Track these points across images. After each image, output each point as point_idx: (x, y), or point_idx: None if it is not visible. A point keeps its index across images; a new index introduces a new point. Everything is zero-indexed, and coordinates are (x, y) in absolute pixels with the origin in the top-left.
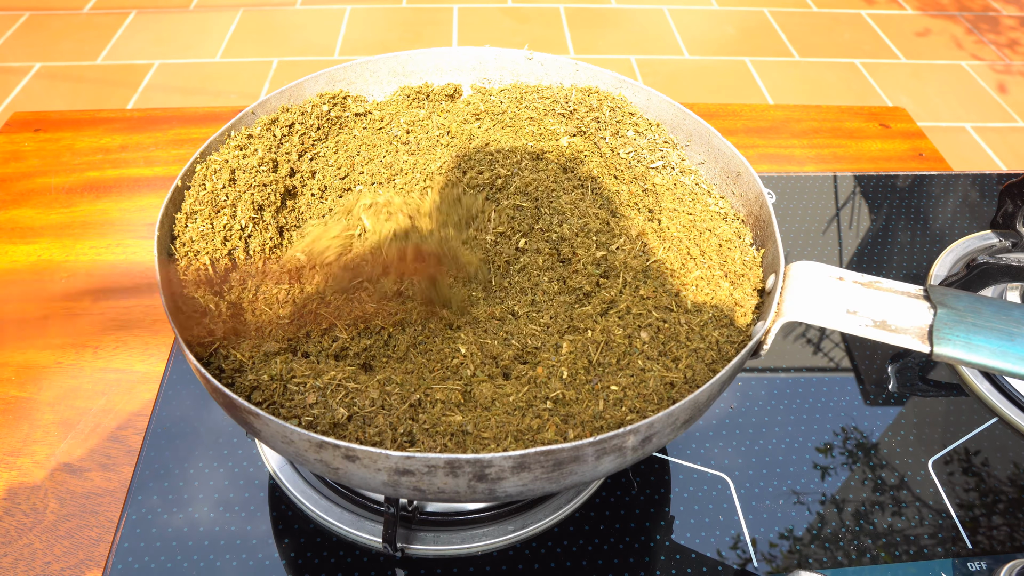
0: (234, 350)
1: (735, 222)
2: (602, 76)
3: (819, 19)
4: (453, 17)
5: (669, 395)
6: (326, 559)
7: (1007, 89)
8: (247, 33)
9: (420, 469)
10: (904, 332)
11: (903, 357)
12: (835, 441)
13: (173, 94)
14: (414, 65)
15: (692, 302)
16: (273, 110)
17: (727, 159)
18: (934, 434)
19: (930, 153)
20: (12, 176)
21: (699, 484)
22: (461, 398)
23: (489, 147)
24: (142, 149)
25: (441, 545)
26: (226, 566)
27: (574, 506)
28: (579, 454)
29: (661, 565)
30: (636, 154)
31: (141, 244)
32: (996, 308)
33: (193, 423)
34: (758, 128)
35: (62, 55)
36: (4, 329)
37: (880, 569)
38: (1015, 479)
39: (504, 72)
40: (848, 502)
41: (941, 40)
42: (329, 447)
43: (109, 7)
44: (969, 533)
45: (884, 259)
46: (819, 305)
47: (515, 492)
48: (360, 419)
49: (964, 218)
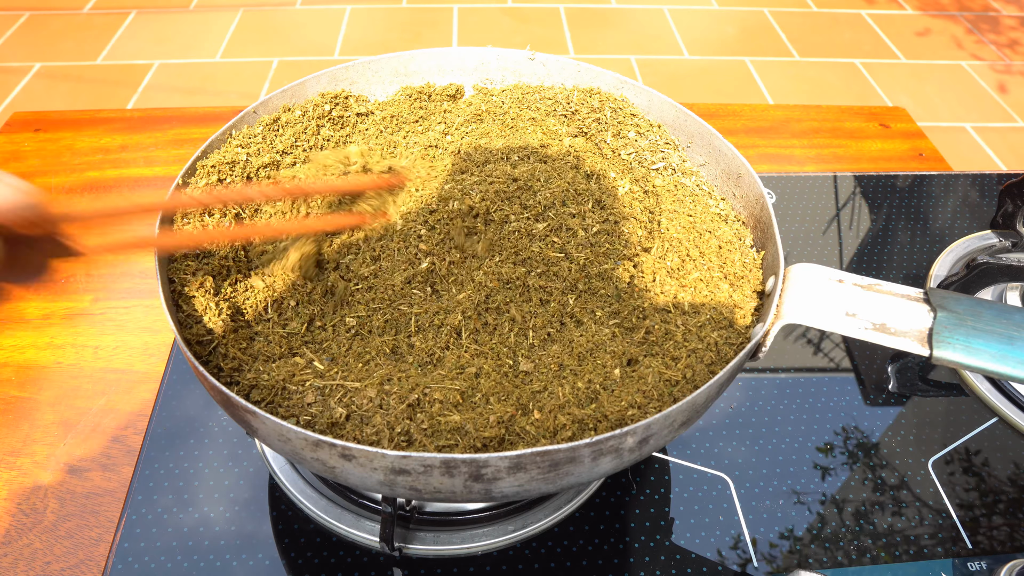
0: (233, 348)
1: (735, 224)
2: (604, 77)
3: (819, 19)
4: (453, 17)
5: (670, 392)
6: (326, 559)
7: (1007, 89)
8: (247, 33)
9: (416, 469)
10: (904, 335)
11: (903, 357)
12: (835, 441)
13: (173, 94)
14: (416, 65)
15: (691, 304)
16: (275, 109)
17: (728, 161)
18: (934, 434)
19: (930, 153)
20: None
21: (699, 484)
22: (459, 398)
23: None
24: (142, 149)
25: (441, 545)
26: (226, 566)
27: (574, 506)
28: (575, 455)
29: (661, 565)
30: (637, 155)
31: None
32: (996, 312)
33: (193, 423)
34: (758, 128)
35: (62, 55)
36: (4, 328)
37: (880, 569)
38: (1015, 479)
39: (506, 73)
40: (848, 502)
41: (941, 40)
42: (325, 446)
43: (109, 7)
44: (969, 533)
45: (884, 259)
46: (819, 307)
47: (511, 492)
48: (358, 418)
49: (964, 218)
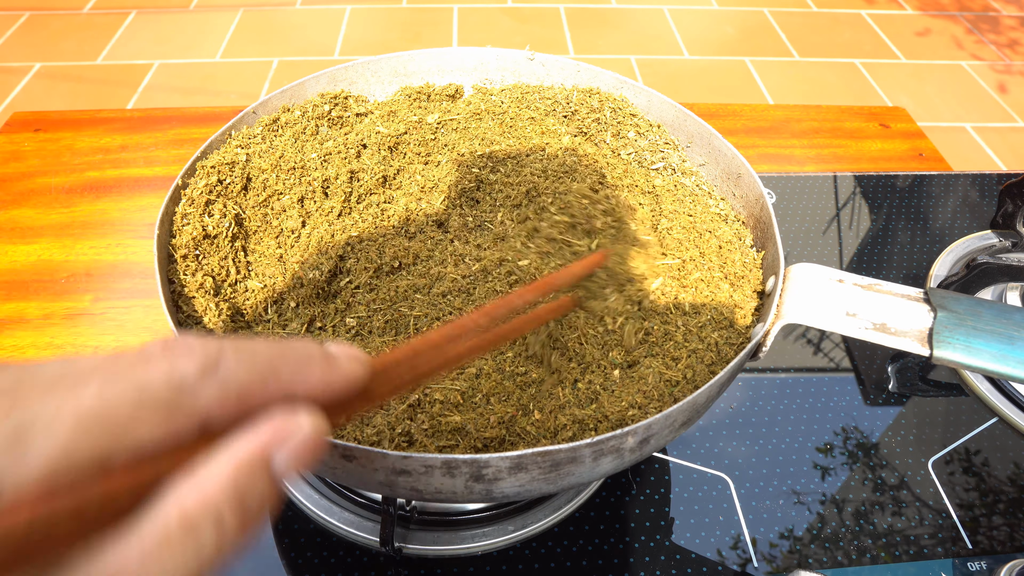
0: None
1: (735, 224)
2: (603, 77)
3: (819, 19)
4: (453, 17)
5: (670, 392)
6: (326, 559)
7: (1007, 89)
8: (247, 33)
9: (417, 469)
10: (904, 335)
11: (903, 357)
12: (835, 441)
13: (173, 94)
14: (415, 65)
15: (691, 304)
16: (274, 110)
17: (728, 161)
18: (934, 434)
19: (930, 153)
20: (12, 176)
21: (699, 484)
22: (460, 398)
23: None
24: (142, 149)
25: (441, 545)
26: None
27: (574, 506)
28: (576, 455)
29: (661, 565)
30: (637, 155)
31: (141, 244)
32: (996, 311)
33: None
34: (758, 128)
35: (62, 55)
36: (4, 328)
37: (880, 569)
38: (1015, 479)
39: (505, 72)
40: (848, 502)
41: (941, 40)
42: (326, 446)
43: (109, 7)
44: (969, 533)
45: (884, 259)
46: (819, 307)
47: (512, 493)
48: (358, 418)
49: (964, 218)
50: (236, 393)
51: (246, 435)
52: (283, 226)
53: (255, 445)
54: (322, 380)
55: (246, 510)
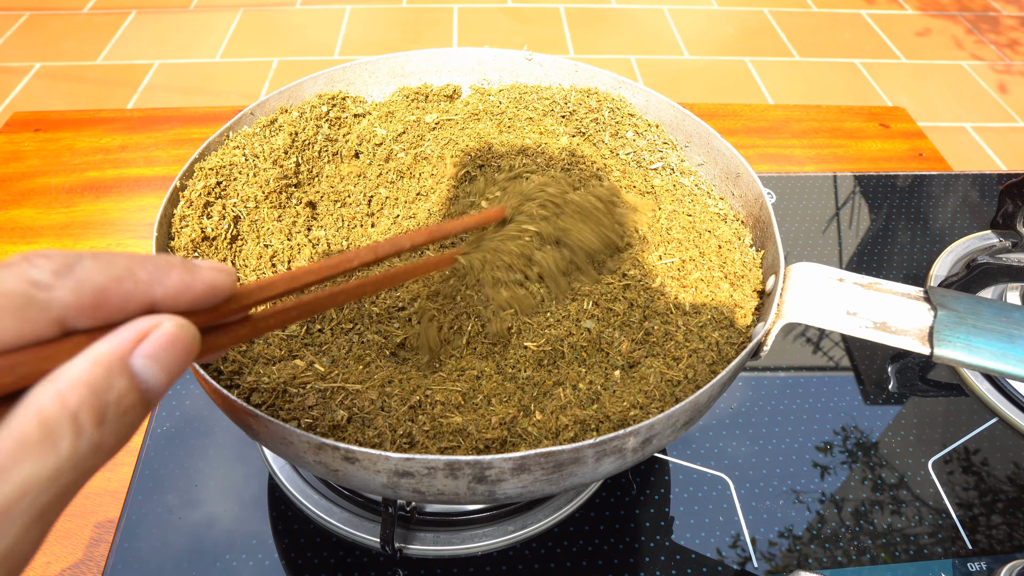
0: (233, 351)
1: (735, 223)
2: (601, 77)
3: (819, 19)
4: (453, 17)
5: (672, 392)
6: (326, 559)
7: (1007, 89)
8: (247, 33)
9: (420, 471)
10: (904, 334)
11: (903, 357)
12: (835, 441)
13: (173, 94)
14: (413, 66)
15: (691, 304)
16: (272, 111)
17: (727, 160)
18: (934, 434)
19: (930, 153)
20: (12, 176)
21: (699, 484)
22: (461, 399)
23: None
24: (142, 149)
25: (441, 545)
26: (226, 566)
27: (574, 506)
28: (579, 455)
29: (661, 565)
30: (636, 155)
31: (141, 244)
32: (996, 310)
33: (193, 423)
34: (758, 128)
35: (62, 55)
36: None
37: (880, 569)
38: (1015, 479)
39: (503, 73)
40: (848, 502)
41: (941, 40)
42: (328, 449)
43: (109, 7)
44: (969, 533)
45: (884, 259)
46: (819, 306)
47: (515, 494)
48: (359, 420)
49: (964, 218)
50: (92, 291)
51: (105, 337)
52: (281, 228)
53: (111, 345)
54: (181, 282)
55: (104, 412)
